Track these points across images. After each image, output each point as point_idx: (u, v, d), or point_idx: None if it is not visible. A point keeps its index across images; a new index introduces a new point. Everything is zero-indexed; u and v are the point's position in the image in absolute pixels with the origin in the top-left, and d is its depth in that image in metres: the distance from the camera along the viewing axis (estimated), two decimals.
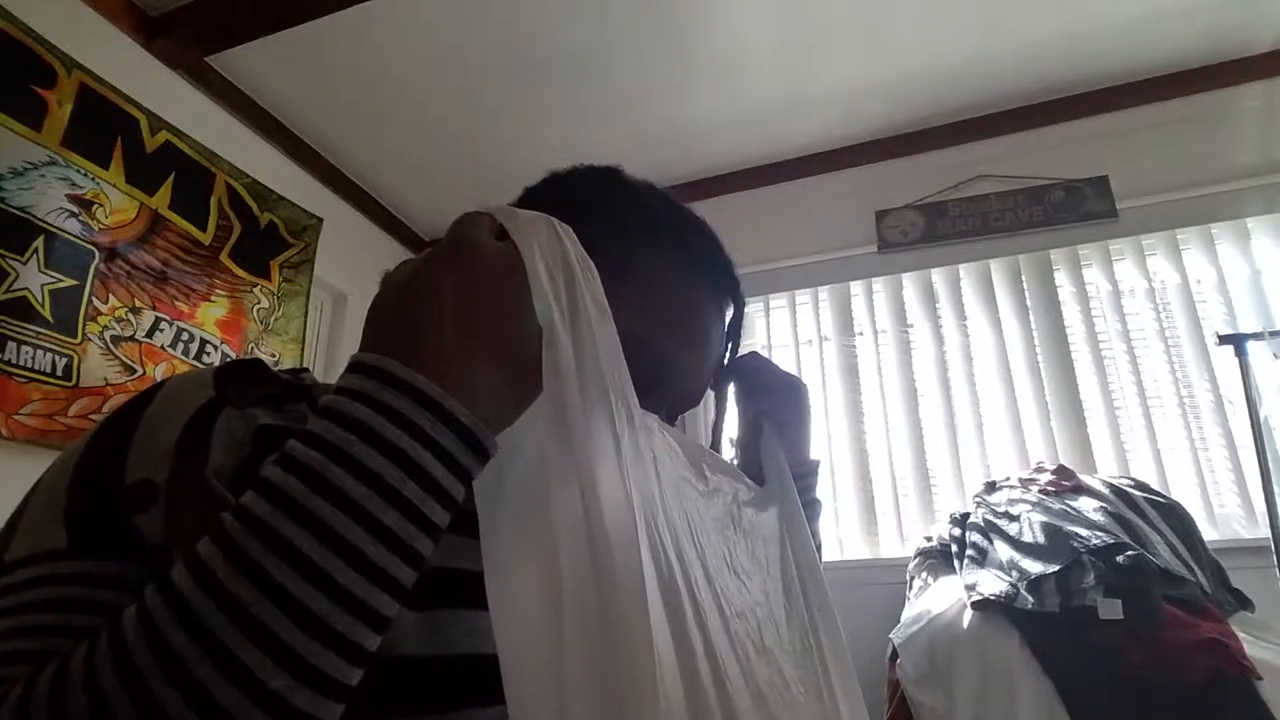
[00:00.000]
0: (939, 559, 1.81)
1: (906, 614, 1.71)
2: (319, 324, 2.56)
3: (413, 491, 0.29)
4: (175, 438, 0.38)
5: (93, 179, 1.72)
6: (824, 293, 2.57)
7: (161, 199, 1.90)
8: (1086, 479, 1.77)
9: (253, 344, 2.14)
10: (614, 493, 0.34)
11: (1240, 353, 1.72)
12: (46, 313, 1.59)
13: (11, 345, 1.52)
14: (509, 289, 0.34)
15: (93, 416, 1.65)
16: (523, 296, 0.34)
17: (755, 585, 0.48)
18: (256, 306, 2.17)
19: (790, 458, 0.62)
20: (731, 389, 0.66)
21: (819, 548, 0.62)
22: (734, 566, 0.47)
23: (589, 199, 0.54)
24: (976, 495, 1.88)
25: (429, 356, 0.32)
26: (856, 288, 2.54)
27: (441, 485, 0.30)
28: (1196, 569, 1.52)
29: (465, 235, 0.36)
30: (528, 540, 0.34)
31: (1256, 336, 1.75)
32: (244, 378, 0.42)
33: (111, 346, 1.74)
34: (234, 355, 2.05)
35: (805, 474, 0.65)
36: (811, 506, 0.65)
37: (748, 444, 0.64)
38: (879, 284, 2.52)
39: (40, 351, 1.57)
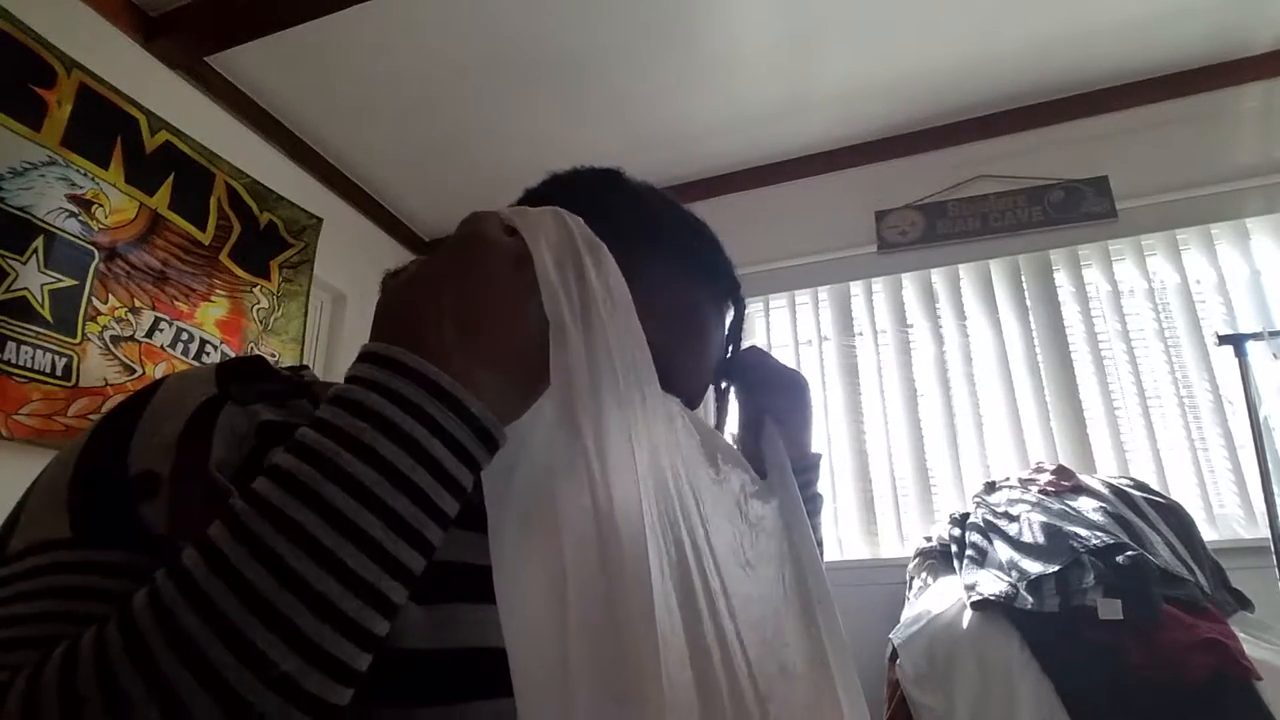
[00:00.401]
0: (939, 559, 1.81)
1: (906, 614, 1.71)
2: (319, 324, 2.56)
3: (423, 479, 0.29)
4: (178, 431, 0.38)
5: (92, 179, 1.72)
6: (824, 293, 2.57)
7: (161, 199, 1.90)
8: (1086, 479, 1.77)
9: (252, 344, 2.14)
10: (624, 485, 0.35)
11: (1240, 353, 1.72)
12: (46, 313, 1.59)
13: (11, 345, 1.52)
14: (515, 283, 0.35)
15: (92, 416, 1.65)
16: (529, 290, 0.35)
17: (759, 576, 0.48)
18: (256, 306, 2.17)
19: (791, 452, 0.62)
20: (732, 385, 0.66)
21: (820, 543, 0.63)
22: (740, 557, 0.47)
23: (589, 201, 0.54)
24: (976, 495, 1.88)
25: (435, 348, 0.32)
26: (856, 288, 2.54)
27: (451, 474, 0.31)
28: (1196, 569, 1.52)
29: (473, 231, 0.36)
30: (535, 532, 0.34)
31: (1256, 337, 1.75)
32: (246, 375, 0.42)
33: (111, 346, 1.74)
34: (234, 355, 2.04)
35: (806, 468, 0.65)
36: (813, 501, 0.65)
37: (748, 439, 0.64)
38: (879, 284, 2.52)
39: (40, 351, 1.57)
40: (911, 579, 1.87)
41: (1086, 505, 1.61)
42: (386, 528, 0.28)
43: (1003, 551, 1.56)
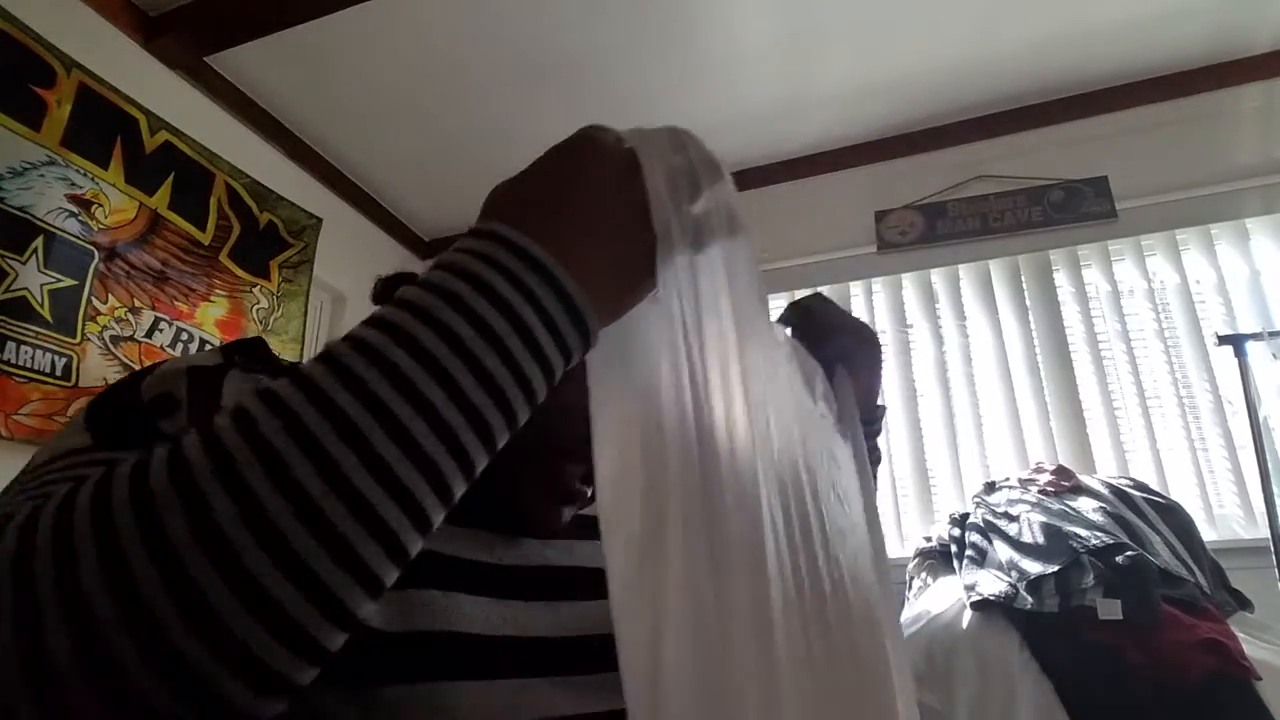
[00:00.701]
0: (938, 559, 1.81)
1: (906, 614, 1.70)
2: (318, 324, 2.56)
3: (515, 345, 0.29)
4: (185, 367, 0.40)
5: (92, 179, 1.72)
6: (823, 293, 2.57)
7: (161, 199, 1.90)
8: (1086, 479, 1.77)
9: None
10: (727, 401, 0.35)
11: (1240, 353, 1.72)
12: (46, 313, 1.59)
13: (11, 345, 1.52)
14: (625, 189, 0.35)
15: None
16: (638, 199, 0.35)
17: (847, 512, 0.49)
18: (256, 306, 2.17)
19: (861, 402, 0.61)
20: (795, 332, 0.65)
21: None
22: (835, 491, 0.47)
23: None
24: (976, 495, 1.88)
25: (537, 232, 0.32)
26: (856, 288, 2.54)
27: (542, 348, 0.30)
28: (1196, 569, 1.52)
29: (588, 134, 0.37)
30: (637, 444, 0.35)
31: (1256, 337, 1.75)
32: (249, 353, 0.45)
33: (111, 346, 1.74)
34: None
35: (873, 419, 0.65)
36: (874, 452, 0.65)
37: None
38: (878, 284, 2.52)
39: (40, 351, 1.57)
40: (911, 579, 1.87)
41: (1086, 505, 1.61)
42: (476, 382, 0.28)
43: (1002, 551, 1.56)
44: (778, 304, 2.61)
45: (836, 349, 0.62)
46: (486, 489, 0.49)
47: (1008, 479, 1.88)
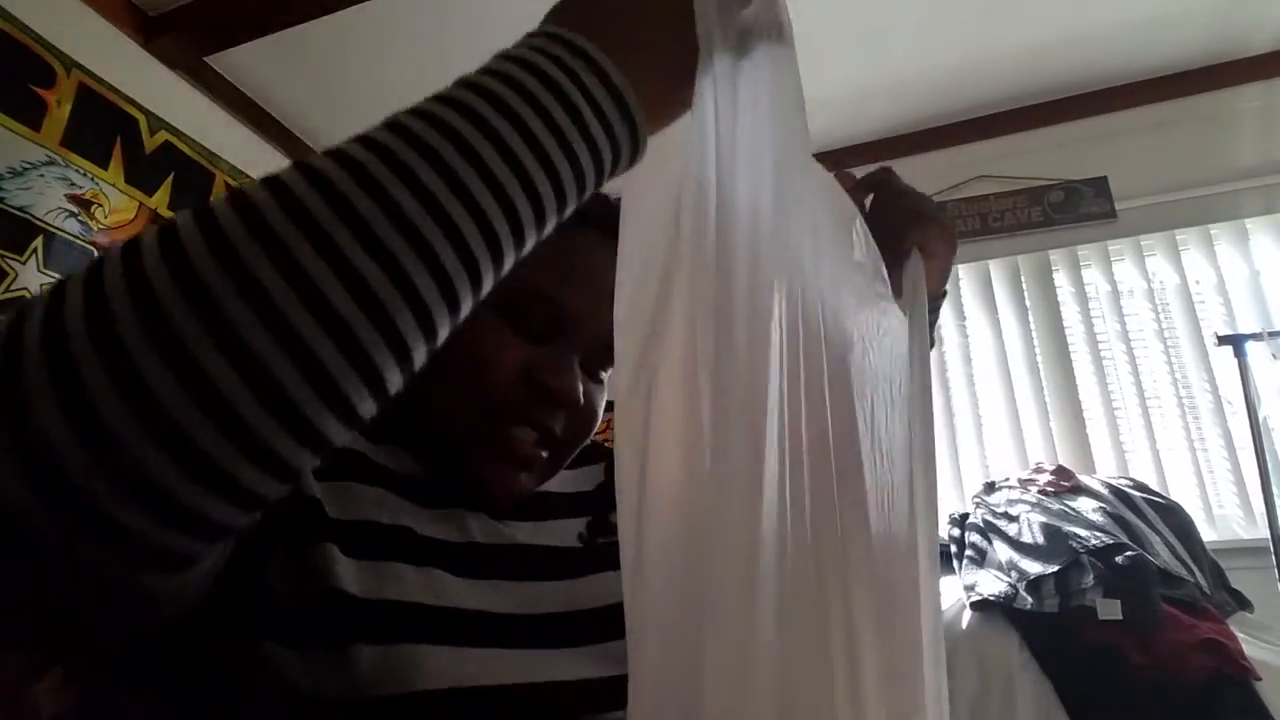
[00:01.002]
0: (938, 559, 1.81)
1: None
2: None
3: (566, 124, 0.30)
4: None
5: (92, 179, 1.72)
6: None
7: (161, 199, 1.90)
8: (1085, 479, 1.77)
9: None
10: (755, 224, 0.35)
11: (1239, 353, 1.72)
12: None
13: None
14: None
15: None
16: (688, 8, 0.35)
17: (875, 368, 0.47)
18: None
19: (932, 287, 0.60)
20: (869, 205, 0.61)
21: None
22: (868, 342, 0.46)
23: None
24: (975, 495, 1.88)
25: (590, 36, 0.32)
26: None
27: (591, 134, 0.31)
28: (1195, 569, 1.52)
29: None
30: (658, 268, 0.35)
31: (1255, 337, 1.75)
32: None
33: None
34: None
35: (936, 309, 0.64)
36: (932, 334, 0.63)
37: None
38: None
39: None
40: None
41: (1086, 506, 1.61)
42: (530, 151, 0.28)
43: (1002, 552, 1.56)
44: None
45: (917, 236, 0.58)
46: (449, 467, 0.50)
47: (1007, 479, 1.88)
